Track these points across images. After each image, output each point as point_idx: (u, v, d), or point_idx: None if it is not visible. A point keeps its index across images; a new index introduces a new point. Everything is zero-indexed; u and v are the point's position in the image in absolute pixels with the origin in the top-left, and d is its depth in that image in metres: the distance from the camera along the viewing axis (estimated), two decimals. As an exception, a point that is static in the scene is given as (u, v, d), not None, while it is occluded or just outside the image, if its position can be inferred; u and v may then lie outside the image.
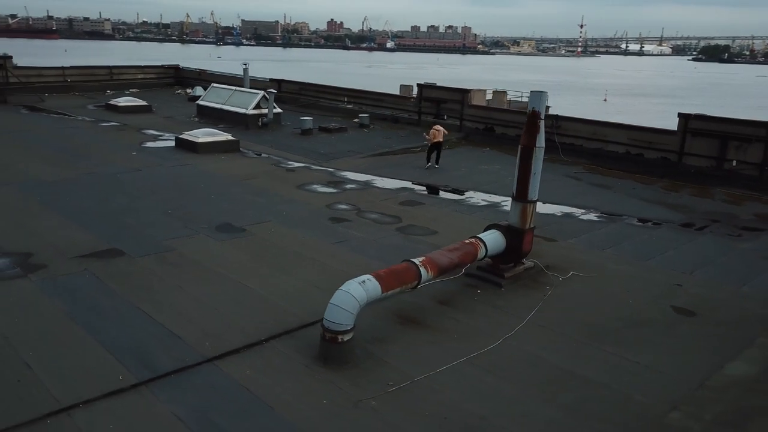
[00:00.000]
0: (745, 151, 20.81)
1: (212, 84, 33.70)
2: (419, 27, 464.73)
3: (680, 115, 22.38)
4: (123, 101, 32.85)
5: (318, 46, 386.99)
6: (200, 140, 23.45)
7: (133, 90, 41.28)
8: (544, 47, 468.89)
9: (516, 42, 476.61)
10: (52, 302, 10.56)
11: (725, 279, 13.16)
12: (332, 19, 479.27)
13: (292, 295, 11.27)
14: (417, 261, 10.30)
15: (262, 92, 29.28)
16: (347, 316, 8.85)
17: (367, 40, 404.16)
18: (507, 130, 26.86)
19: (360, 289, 9.01)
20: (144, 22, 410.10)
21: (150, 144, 25.01)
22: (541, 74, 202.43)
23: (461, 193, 19.93)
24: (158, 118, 31.26)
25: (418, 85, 30.26)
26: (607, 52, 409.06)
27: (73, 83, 39.46)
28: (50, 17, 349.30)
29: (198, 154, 23.08)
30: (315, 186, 19.71)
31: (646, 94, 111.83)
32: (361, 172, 21.89)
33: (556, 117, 25.58)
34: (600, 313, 11.19)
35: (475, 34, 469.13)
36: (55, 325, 9.76)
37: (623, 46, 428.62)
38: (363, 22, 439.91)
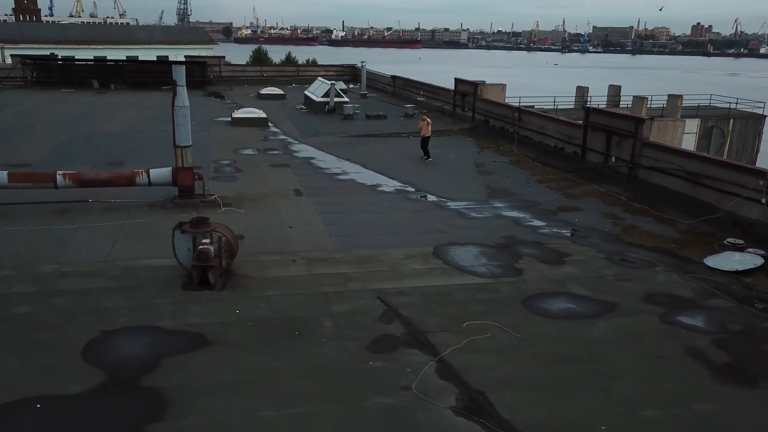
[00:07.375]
0: (620, 147, 19.55)
1: (318, 77, 40.91)
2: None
3: (584, 108, 21.49)
4: (266, 90, 42.21)
5: (673, 52, 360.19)
6: (235, 116, 30.94)
7: (312, 84, 50.66)
8: None
9: None
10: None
11: (350, 234, 15.31)
12: (698, 23, 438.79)
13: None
14: (60, 172, 16.06)
15: (332, 83, 35.32)
16: (-26, 190, 15.33)
17: (734, 46, 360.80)
18: (495, 122, 27.99)
19: (-14, 177, 15.40)
20: (498, 31, 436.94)
21: (221, 119, 33.33)
22: None
23: (348, 164, 23.26)
24: (278, 103, 39.66)
25: (455, 79, 32.52)
26: None
27: (269, 77, 50.75)
28: (417, 29, 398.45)
29: (232, 126, 30.59)
30: (247, 150, 25.35)
31: None
32: (313, 146, 26.56)
33: (519, 110, 25.95)
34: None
35: None
36: None
37: None
38: (734, 25, 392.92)
